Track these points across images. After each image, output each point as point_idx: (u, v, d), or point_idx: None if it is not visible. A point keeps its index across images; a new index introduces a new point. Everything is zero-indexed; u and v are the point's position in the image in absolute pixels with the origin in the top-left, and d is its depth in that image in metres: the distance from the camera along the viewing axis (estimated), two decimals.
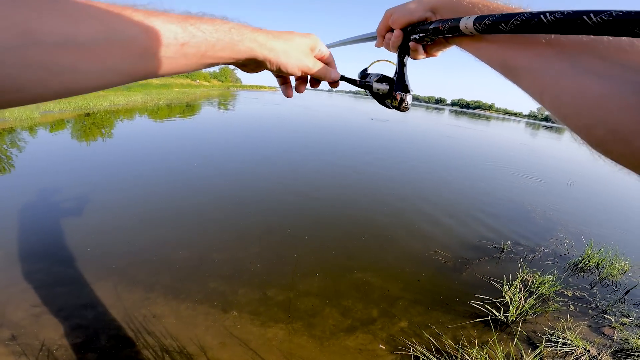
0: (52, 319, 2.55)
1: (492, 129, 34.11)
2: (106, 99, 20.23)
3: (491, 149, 16.39)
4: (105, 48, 0.35)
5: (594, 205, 8.07)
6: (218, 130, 12.65)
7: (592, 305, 3.63)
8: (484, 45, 0.45)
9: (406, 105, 0.64)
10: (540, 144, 24.46)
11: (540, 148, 21.09)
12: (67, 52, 0.32)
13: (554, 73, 0.35)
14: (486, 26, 0.40)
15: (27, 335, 2.38)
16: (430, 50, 0.62)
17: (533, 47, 0.38)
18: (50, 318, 2.55)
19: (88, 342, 2.39)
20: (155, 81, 42.52)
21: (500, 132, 31.85)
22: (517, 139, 26.05)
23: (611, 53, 0.31)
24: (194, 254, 3.59)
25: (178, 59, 0.43)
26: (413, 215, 5.45)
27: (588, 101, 0.31)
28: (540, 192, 8.28)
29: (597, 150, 0.33)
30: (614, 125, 0.28)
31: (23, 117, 12.19)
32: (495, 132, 30.34)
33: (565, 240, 5.19)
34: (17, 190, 4.99)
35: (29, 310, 2.61)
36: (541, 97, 0.38)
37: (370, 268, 3.72)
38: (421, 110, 64.66)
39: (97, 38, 0.34)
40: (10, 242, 3.51)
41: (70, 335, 2.41)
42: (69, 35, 0.32)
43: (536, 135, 35.54)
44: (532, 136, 32.90)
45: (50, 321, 2.53)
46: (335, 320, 2.87)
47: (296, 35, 0.57)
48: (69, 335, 2.42)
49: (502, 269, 4.05)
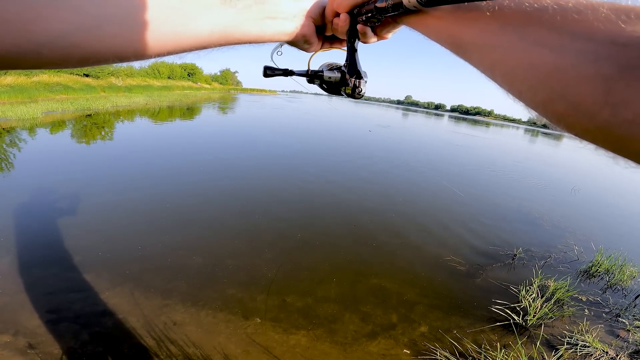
0: (70, 326, 2.42)
1: (497, 136, 33.74)
2: (108, 100, 20.10)
3: (498, 156, 16.17)
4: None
5: (600, 212, 8.06)
6: (224, 134, 12.50)
7: (606, 309, 3.64)
8: (432, 22, 0.42)
9: (360, 91, 0.60)
10: (540, 152, 24.34)
11: (542, 156, 20.92)
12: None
13: (503, 48, 0.33)
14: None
15: (46, 344, 2.25)
16: (380, 32, 0.57)
17: (479, 21, 0.35)
18: (68, 326, 2.42)
19: (110, 351, 2.27)
20: (156, 83, 42.36)
21: (505, 139, 31.49)
22: (521, 148, 25.90)
23: (558, 22, 0.28)
24: (207, 259, 3.48)
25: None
26: (424, 221, 5.38)
27: (543, 75, 0.29)
28: (548, 200, 8.26)
29: (558, 125, 0.30)
30: (575, 98, 0.26)
31: (26, 117, 11.99)
32: (501, 140, 29.97)
33: (574, 247, 5.16)
34: (24, 192, 4.84)
35: (45, 317, 2.48)
36: (492, 73, 0.35)
37: (385, 274, 3.65)
38: (421, 116, 64.46)
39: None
40: (18, 247, 3.37)
41: (91, 344, 2.29)
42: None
43: (535, 142, 35.40)
44: (532, 143, 32.71)
45: (69, 329, 2.39)
46: (356, 326, 2.82)
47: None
48: (89, 344, 2.29)
49: (515, 275, 4.02)
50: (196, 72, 62.59)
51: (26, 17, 0.32)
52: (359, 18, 0.54)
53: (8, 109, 12.96)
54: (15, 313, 2.48)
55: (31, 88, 20.20)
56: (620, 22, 0.25)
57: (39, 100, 18.72)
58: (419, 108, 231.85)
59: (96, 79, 30.68)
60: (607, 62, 0.24)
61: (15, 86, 19.13)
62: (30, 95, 19.14)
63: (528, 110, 0.33)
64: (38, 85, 21.35)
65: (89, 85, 27.51)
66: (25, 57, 0.34)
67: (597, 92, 0.24)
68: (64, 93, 22.76)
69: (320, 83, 0.67)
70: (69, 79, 26.51)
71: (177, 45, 0.44)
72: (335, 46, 0.67)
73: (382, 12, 0.47)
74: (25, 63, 0.35)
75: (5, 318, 2.42)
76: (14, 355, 2.14)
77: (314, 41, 0.60)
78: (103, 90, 28.16)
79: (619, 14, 0.25)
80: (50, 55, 0.35)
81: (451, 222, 5.48)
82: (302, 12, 0.55)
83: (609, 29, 0.25)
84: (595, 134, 0.27)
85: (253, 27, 0.50)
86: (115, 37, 0.38)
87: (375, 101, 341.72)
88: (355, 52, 0.60)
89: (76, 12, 0.34)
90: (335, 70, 0.64)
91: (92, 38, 0.36)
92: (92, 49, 0.37)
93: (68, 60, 0.37)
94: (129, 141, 9.30)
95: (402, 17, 0.48)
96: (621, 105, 0.23)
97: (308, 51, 0.63)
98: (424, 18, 0.44)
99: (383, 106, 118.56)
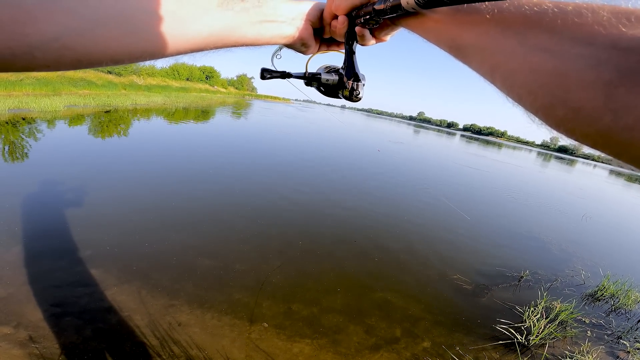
0: (73, 321, 2.33)
1: (508, 159, 31.73)
2: (128, 97, 20.26)
3: (511, 180, 15.49)
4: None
5: (610, 239, 7.89)
6: (238, 139, 12.48)
7: (608, 331, 3.60)
8: (431, 25, 0.41)
9: (358, 94, 0.58)
10: (553, 176, 23.42)
11: (555, 181, 20.09)
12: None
13: (503, 52, 0.32)
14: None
15: (47, 338, 2.16)
16: (379, 35, 0.57)
17: (478, 24, 0.34)
18: (71, 320, 2.33)
19: (112, 348, 2.17)
20: (175, 84, 42.75)
21: (518, 162, 29.21)
22: (533, 172, 25.04)
23: (558, 26, 0.27)
24: (216, 262, 3.38)
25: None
26: (433, 240, 5.25)
27: (543, 80, 0.27)
28: (558, 225, 8.08)
29: (558, 130, 0.29)
30: (576, 103, 0.25)
31: (48, 109, 12.08)
32: (513, 163, 27.71)
33: (582, 272, 5.03)
34: (37, 183, 4.82)
35: (49, 310, 2.39)
36: (492, 77, 0.34)
37: (391, 288, 3.54)
38: (432, 133, 62.75)
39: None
40: (29, 237, 3.29)
41: (93, 340, 2.20)
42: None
43: (548, 166, 33.97)
44: (544, 167, 31.25)
45: (72, 324, 2.30)
46: (360, 338, 2.73)
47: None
48: (91, 340, 2.20)
49: (520, 296, 3.92)
50: (214, 75, 63.02)
51: (19, 20, 0.31)
52: (357, 20, 0.53)
53: (32, 100, 13.10)
54: (20, 305, 2.39)
55: (56, 82, 20.46)
56: (621, 25, 0.24)
57: (63, 93, 18.96)
58: (430, 125, 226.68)
59: (118, 76, 31.03)
60: (608, 67, 0.23)
61: (41, 79, 19.37)
62: (54, 89, 19.39)
63: (527, 115, 0.32)
64: (63, 80, 21.63)
65: (111, 82, 27.84)
66: (18, 59, 0.33)
67: (598, 98, 0.23)
68: (87, 88, 23.03)
69: (318, 86, 0.65)
70: (93, 75, 26.86)
71: (172, 48, 0.43)
72: (333, 48, 0.66)
73: (380, 14, 0.46)
74: (17, 65, 0.34)
75: (9, 309, 2.34)
76: (13, 348, 2.06)
77: (311, 44, 0.59)
78: (124, 87, 28.49)
79: (619, 17, 0.24)
80: (43, 58, 0.34)
81: (460, 242, 5.35)
82: (300, 16, 0.54)
83: (609, 33, 0.24)
84: (595, 139, 0.26)
85: (250, 30, 0.49)
86: (109, 40, 0.36)
87: (388, 116, 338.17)
88: (353, 55, 0.59)
89: (70, 15, 0.33)
90: (333, 73, 0.63)
91: (85, 41, 0.35)
92: (86, 51, 0.36)
93: (61, 63, 0.36)
94: (146, 140, 9.33)
95: (401, 19, 0.47)
96: (622, 111, 0.22)
97: (305, 54, 0.63)
98: (422, 20, 0.43)
99: (395, 121, 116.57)
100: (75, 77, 23.63)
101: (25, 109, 11.65)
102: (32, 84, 17.91)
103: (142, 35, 0.39)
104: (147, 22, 0.38)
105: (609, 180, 29.95)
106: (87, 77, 25.36)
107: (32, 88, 17.54)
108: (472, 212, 7.41)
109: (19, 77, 17.45)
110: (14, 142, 6.84)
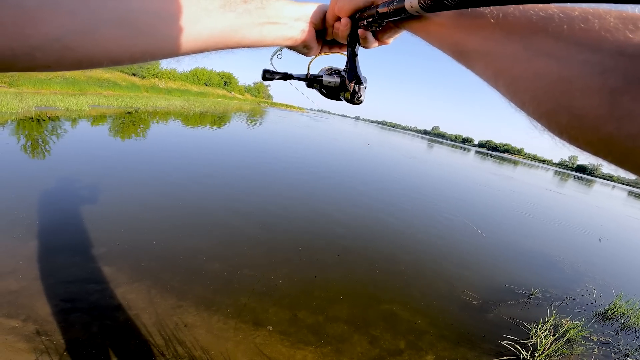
0: (82, 317, 2.30)
1: (525, 177, 30.23)
2: (149, 100, 20.55)
3: (527, 198, 14.88)
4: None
5: (625, 261, 7.67)
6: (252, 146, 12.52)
7: (616, 349, 3.52)
8: (434, 29, 0.40)
9: (359, 97, 0.57)
10: (570, 196, 22.28)
11: (571, 201, 19.18)
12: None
13: (507, 57, 0.30)
14: (431, 2, 0.34)
15: (53, 333, 2.13)
16: (382, 37, 0.56)
17: (483, 29, 0.33)
18: (80, 316, 2.31)
19: (116, 346, 2.14)
20: (194, 88, 43.28)
21: (535, 182, 27.69)
22: (551, 191, 24.44)
23: (564, 32, 0.26)
24: (225, 266, 3.34)
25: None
26: (442, 254, 5.11)
27: (547, 86, 0.26)
28: (572, 245, 7.87)
29: (561, 137, 0.28)
30: (580, 110, 0.24)
31: (74, 108, 12.29)
32: (530, 182, 26.10)
33: (593, 291, 4.88)
34: (55, 179, 4.86)
35: (59, 305, 2.37)
36: (496, 82, 0.33)
37: (397, 300, 3.45)
38: (446, 148, 60.40)
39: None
40: (46, 232, 3.29)
41: (99, 337, 2.17)
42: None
43: (565, 186, 31.92)
44: (561, 187, 29.28)
45: (80, 320, 2.28)
46: (364, 349, 2.65)
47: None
48: (97, 336, 2.17)
49: (529, 313, 3.80)
50: (232, 82, 63.47)
51: (21, 21, 0.30)
52: (360, 23, 0.52)
53: (59, 99, 13.37)
54: (31, 298, 2.38)
55: (83, 82, 20.89)
56: (628, 31, 0.22)
57: (88, 93, 19.36)
58: (445, 140, 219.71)
59: (142, 78, 31.57)
60: (614, 74, 0.22)
61: (69, 78, 19.81)
62: (81, 88, 19.79)
63: (530, 121, 0.31)
64: (90, 80, 22.06)
65: (134, 84, 28.34)
66: (19, 59, 0.32)
67: (602, 105, 0.22)
68: (111, 89, 23.48)
69: (320, 88, 0.64)
70: (118, 76, 27.37)
71: (173, 49, 0.42)
72: (335, 50, 0.65)
73: (384, 17, 0.45)
74: (19, 65, 0.33)
75: (20, 303, 2.32)
76: (19, 341, 2.04)
77: (313, 46, 0.58)
78: (146, 90, 28.96)
79: (626, 23, 0.23)
80: (44, 58, 0.33)
81: (471, 258, 5.23)
82: (303, 18, 0.53)
83: (616, 39, 0.23)
84: (598, 146, 0.25)
85: (253, 32, 0.48)
86: (110, 42, 0.36)
87: (402, 129, 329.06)
88: (355, 57, 0.58)
89: (71, 17, 0.32)
90: (334, 75, 0.62)
91: (87, 42, 0.34)
92: (86, 52, 0.35)
93: (61, 63, 0.35)
94: (164, 142, 9.41)
95: (404, 22, 0.46)
96: (626, 119, 0.21)
97: (307, 55, 0.62)
98: (426, 24, 0.42)
99: (409, 135, 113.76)
100: (101, 78, 24.13)
101: (52, 107, 11.87)
102: (60, 83, 18.31)
103: (143, 37, 0.38)
104: (148, 24, 0.38)
105: (628, 201, 29.40)
106: (112, 78, 25.85)
107: (59, 87, 17.94)
108: (486, 229, 7.25)
109: (48, 76, 17.88)
110: (37, 139, 6.94)
